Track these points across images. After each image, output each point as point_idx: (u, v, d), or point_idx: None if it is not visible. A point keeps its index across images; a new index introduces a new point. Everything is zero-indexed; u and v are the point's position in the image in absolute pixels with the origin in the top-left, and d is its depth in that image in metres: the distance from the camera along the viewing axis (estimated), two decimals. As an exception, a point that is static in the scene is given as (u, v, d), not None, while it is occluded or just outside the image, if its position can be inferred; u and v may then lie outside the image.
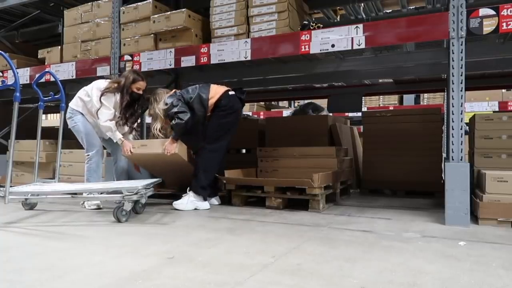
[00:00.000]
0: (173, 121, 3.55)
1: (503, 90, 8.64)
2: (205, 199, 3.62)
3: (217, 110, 3.62)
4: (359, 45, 3.33)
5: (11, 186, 3.07)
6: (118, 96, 3.65)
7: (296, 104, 12.03)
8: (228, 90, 3.69)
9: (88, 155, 3.70)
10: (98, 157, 3.72)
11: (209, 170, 3.62)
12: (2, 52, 3.16)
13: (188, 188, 3.62)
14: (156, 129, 3.70)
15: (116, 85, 3.66)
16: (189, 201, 3.55)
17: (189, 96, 3.61)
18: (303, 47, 3.54)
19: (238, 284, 1.68)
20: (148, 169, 3.98)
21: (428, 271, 1.86)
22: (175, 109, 3.54)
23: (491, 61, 4.21)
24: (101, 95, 3.61)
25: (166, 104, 3.62)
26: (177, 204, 3.56)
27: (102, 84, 3.72)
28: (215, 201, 3.83)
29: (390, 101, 10.07)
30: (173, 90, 3.79)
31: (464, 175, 2.83)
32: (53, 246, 2.34)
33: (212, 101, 3.61)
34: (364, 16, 5.20)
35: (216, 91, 3.64)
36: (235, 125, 3.75)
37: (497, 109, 8.58)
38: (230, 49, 3.85)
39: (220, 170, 3.76)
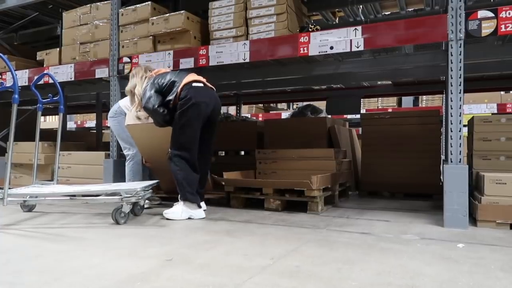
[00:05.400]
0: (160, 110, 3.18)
1: (502, 92, 8.66)
2: (199, 206, 3.26)
3: (178, 104, 3.15)
4: (357, 47, 3.34)
5: (9, 188, 3.07)
6: None
7: (294, 106, 12.04)
8: (194, 81, 3.22)
9: (128, 154, 3.78)
10: (139, 156, 3.78)
11: (188, 174, 3.20)
12: (1, 54, 3.16)
13: (179, 196, 3.26)
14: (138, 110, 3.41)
15: None
16: (182, 210, 3.19)
17: (162, 82, 3.23)
18: (301, 49, 3.55)
19: (236, 286, 1.68)
20: (148, 154, 3.73)
21: (426, 273, 1.86)
22: (151, 103, 3.14)
23: (490, 63, 4.22)
24: None
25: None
26: (168, 213, 3.19)
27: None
28: (203, 205, 3.46)
29: (388, 103, 10.11)
30: (159, 71, 3.39)
31: (463, 177, 2.83)
32: (51, 248, 2.33)
33: (178, 92, 3.16)
34: (362, 18, 5.22)
35: (184, 81, 3.18)
36: (196, 124, 3.16)
37: (495, 111, 8.62)
38: (229, 51, 3.85)
39: (203, 173, 3.41)
